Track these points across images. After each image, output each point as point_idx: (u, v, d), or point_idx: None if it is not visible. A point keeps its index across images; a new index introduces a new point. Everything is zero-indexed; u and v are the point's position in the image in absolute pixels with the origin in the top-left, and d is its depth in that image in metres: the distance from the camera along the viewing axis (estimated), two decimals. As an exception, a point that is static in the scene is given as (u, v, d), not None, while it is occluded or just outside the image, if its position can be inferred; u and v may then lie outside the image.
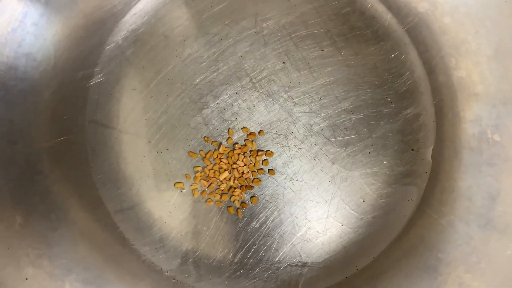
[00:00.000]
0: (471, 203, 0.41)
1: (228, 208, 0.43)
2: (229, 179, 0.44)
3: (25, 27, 0.40)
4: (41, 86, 0.41)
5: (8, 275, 0.37)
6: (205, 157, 0.44)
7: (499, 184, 0.40)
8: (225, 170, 0.44)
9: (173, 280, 0.43)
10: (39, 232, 0.39)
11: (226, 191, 0.44)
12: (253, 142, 0.44)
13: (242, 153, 0.44)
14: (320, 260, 0.43)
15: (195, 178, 0.44)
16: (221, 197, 0.44)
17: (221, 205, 0.43)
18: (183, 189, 0.44)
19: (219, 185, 0.44)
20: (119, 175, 0.44)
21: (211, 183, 0.44)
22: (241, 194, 0.43)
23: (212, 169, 0.44)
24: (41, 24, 0.41)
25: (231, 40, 0.45)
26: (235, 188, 0.44)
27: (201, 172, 0.44)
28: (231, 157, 0.44)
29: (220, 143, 0.44)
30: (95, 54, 0.44)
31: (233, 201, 0.43)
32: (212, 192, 0.44)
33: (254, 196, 0.44)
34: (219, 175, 0.44)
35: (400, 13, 0.46)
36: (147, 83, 0.44)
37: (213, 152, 0.44)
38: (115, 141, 0.44)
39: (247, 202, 0.44)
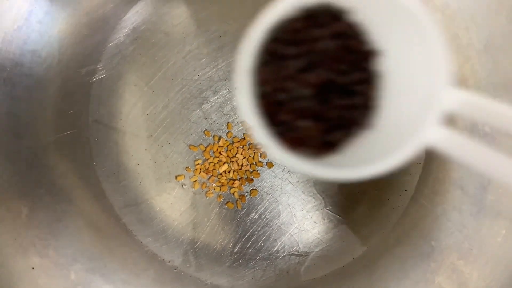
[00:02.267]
0: (463, 192, 0.43)
1: (227, 204, 0.45)
2: (229, 172, 0.45)
3: (30, 25, 0.41)
4: (46, 82, 0.43)
5: (15, 264, 0.38)
6: (205, 150, 0.45)
7: (490, 174, 0.42)
8: (225, 163, 0.45)
9: (175, 270, 0.44)
10: (45, 223, 0.41)
11: (225, 183, 0.45)
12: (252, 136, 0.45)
13: (241, 146, 0.45)
14: (317, 250, 0.45)
15: (195, 171, 0.45)
16: (220, 189, 0.45)
17: (221, 200, 0.45)
18: (185, 184, 0.45)
19: (219, 178, 0.45)
20: (121, 168, 0.45)
21: (211, 175, 0.45)
22: (240, 186, 0.45)
23: (212, 162, 0.45)
24: (46, 22, 0.42)
25: (230, 37, 0.47)
26: (234, 180, 0.45)
27: (201, 165, 0.45)
28: (230, 150, 0.45)
29: (220, 137, 0.45)
30: (98, 51, 0.45)
31: (233, 193, 0.45)
32: (212, 184, 0.45)
33: (254, 189, 0.45)
34: (218, 168, 0.45)
35: (393, 10, 0.47)
36: (148, 79, 0.46)
37: (213, 145, 0.45)
38: (117, 135, 0.45)
39: (245, 194, 0.45)
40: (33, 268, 0.39)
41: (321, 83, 0.23)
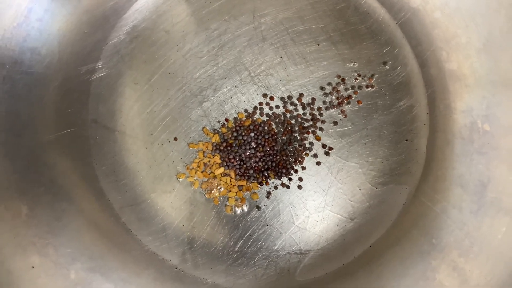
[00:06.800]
0: (463, 190, 0.43)
1: (226, 207, 0.44)
2: (226, 175, 0.45)
3: (30, 22, 0.41)
4: (45, 80, 0.42)
5: (15, 264, 0.38)
6: (201, 150, 0.45)
7: (489, 171, 0.42)
8: (221, 165, 0.45)
9: (176, 269, 0.44)
10: (45, 222, 0.40)
11: (224, 186, 0.45)
12: (252, 134, 0.45)
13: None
14: (318, 248, 0.44)
15: (191, 170, 0.44)
16: (219, 193, 0.44)
17: (217, 204, 0.44)
18: (180, 177, 0.44)
19: (218, 182, 0.44)
20: (121, 167, 0.45)
21: (210, 177, 0.45)
22: (239, 192, 0.44)
23: (208, 164, 0.45)
24: (46, 19, 0.42)
25: (230, 35, 0.47)
26: (233, 185, 0.44)
27: (197, 165, 0.45)
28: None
29: (214, 134, 0.45)
30: (98, 49, 0.45)
31: (228, 198, 0.44)
32: (211, 184, 0.45)
33: (255, 192, 0.45)
34: (215, 170, 0.44)
35: (393, 9, 0.47)
36: (148, 77, 0.46)
37: (208, 144, 0.45)
38: (117, 134, 0.45)
39: (245, 196, 0.44)
40: (32, 267, 0.38)
41: None
